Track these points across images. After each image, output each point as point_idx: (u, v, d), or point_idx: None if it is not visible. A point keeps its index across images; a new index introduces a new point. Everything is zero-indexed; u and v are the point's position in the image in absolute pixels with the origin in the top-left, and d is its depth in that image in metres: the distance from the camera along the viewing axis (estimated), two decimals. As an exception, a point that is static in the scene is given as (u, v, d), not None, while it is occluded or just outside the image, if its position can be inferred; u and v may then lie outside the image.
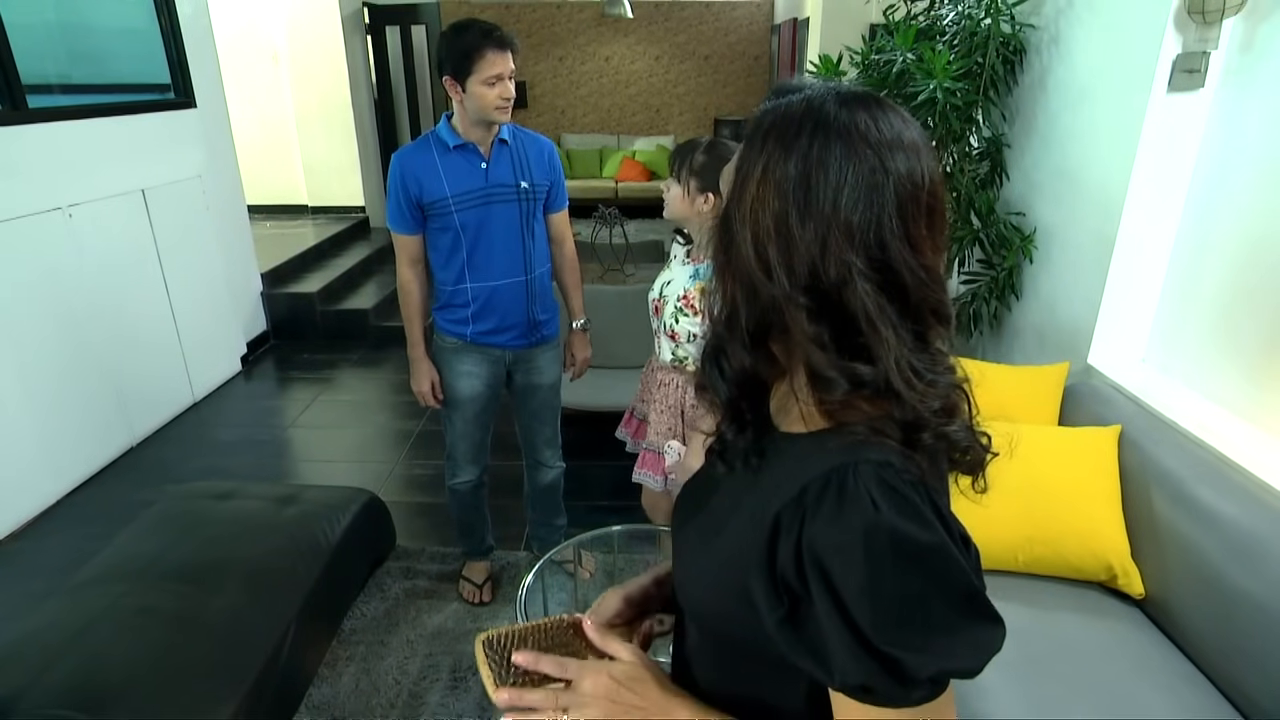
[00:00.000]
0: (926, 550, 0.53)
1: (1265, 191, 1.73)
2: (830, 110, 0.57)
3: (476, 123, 1.94)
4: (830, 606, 0.54)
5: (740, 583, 0.61)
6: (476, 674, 2.11)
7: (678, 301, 1.82)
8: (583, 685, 0.66)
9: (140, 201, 3.50)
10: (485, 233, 2.00)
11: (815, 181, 0.56)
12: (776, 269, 0.57)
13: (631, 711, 0.66)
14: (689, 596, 0.71)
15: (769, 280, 0.58)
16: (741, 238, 0.59)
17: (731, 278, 0.61)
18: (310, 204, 6.87)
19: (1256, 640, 1.40)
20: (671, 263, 1.93)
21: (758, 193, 0.58)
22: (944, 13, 2.53)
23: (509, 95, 1.90)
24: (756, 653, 0.65)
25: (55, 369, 2.99)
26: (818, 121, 0.57)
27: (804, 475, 0.58)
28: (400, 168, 1.96)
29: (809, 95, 0.59)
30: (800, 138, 0.57)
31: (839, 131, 0.56)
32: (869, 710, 0.55)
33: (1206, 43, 1.80)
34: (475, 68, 1.84)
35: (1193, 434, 1.75)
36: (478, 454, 2.27)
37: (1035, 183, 2.41)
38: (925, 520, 0.54)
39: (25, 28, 2.94)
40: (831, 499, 0.55)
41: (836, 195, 0.55)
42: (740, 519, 0.64)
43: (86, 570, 2.02)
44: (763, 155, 0.58)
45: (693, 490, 0.77)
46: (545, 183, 2.07)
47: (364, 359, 4.53)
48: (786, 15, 7.14)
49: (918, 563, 0.53)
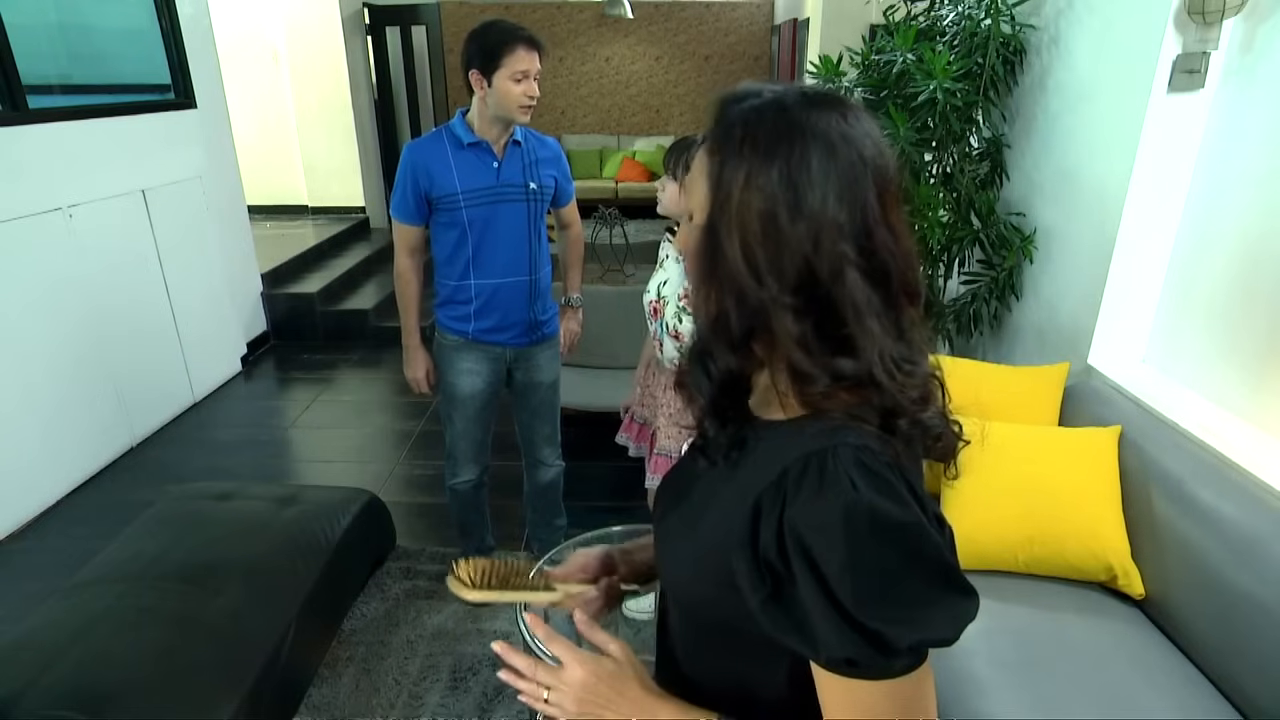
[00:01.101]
0: (903, 527, 0.55)
1: (1265, 191, 1.73)
2: (803, 113, 0.59)
3: (495, 120, 1.94)
4: (813, 584, 0.56)
5: (723, 567, 0.63)
6: (474, 673, 2.11)
7: (679, 301, 1.82)
8: (568, 671, 0.69)
9: (140, 202, 3.50)
10: (492, 231, 2.01)
11: (802, 182, 0.58)
12: (766, 273, 0.59)
13: (605, 709, 0.68)
14: (673, 583, 0.74)
15: (759, 285, 0.59)
16: (729, 245, 0.60)
17: (718, 285, 0.62)
18: (310, 204, 6.88)
19: (1256, 640, 1.40)
20: (665, 262, 1.93)
21: (743, 199, 0.59)
22: (944, 13, 2.53)
23: (534, 94, 1.90)
24: (739, 636, 0.67)
25: (55, 369, 3.00)
26: (793, 124, 0.59)
27: (783, 459, 0.60)
28: (411, 158, 1.97)
29: (778, 101, 0.60)
30: (780, 143, 0.58)
31: (816, 132, 0.58)
32: (852, 684, 0.58)
33: (1206, 43, 1.80)
34: (504, 61, 1.85)
35: (1193, 434, 1.75)
36: (478, 453, 2.27)
37: (1035, 183, 2.41)
38: (902, 499, 0.56)
39: (26, 28, 2.94)
40: (812, 480, 0.57)
41: (824, 193, 0.58)
42: (721, 505, 0.66)
43: (86, 570, 2.02)
44: (743, 163, 0.59)
45: (673, 482, 0.79)
46: (551, 184, 2.08)
47: (364, 359, 4.53)
48: (786, 16, 7.14)
49: (896, 539, 0.55)
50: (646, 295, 1.97)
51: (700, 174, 0.63)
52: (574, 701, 0.69)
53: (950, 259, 2.60)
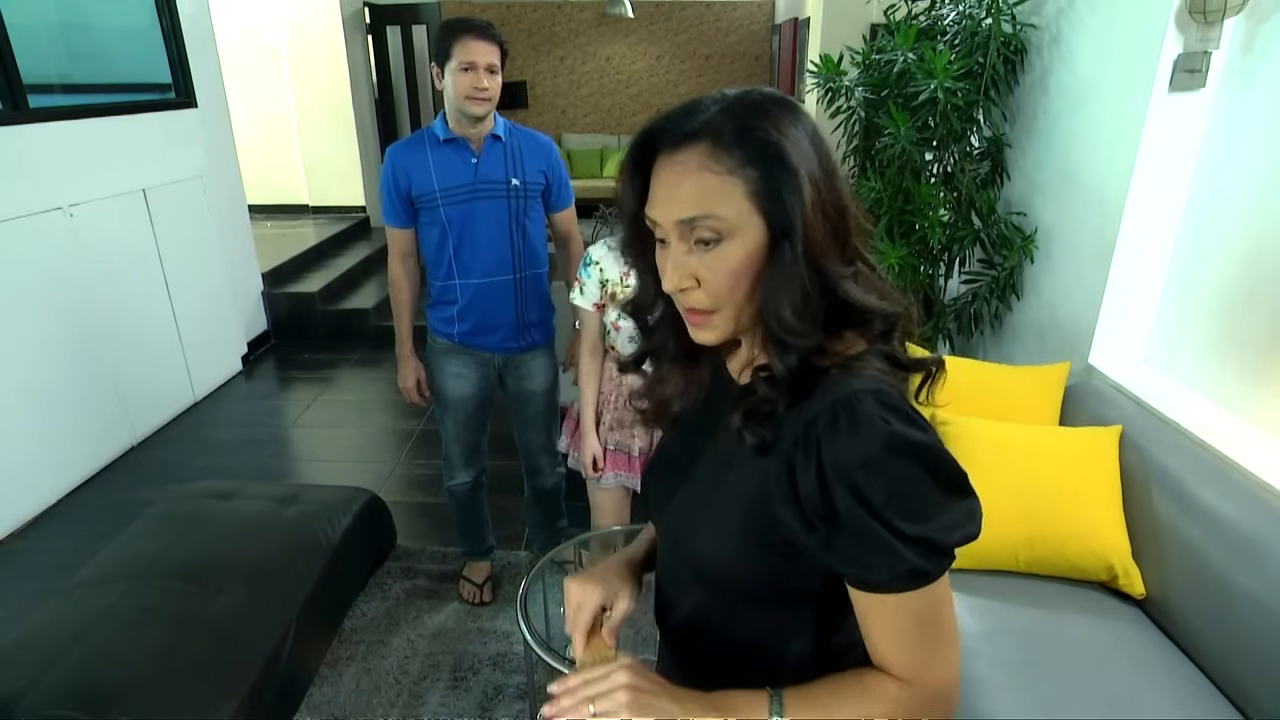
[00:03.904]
0: (930, 449, 0.63)
1: (1266, 191, 1.73)
2: (758, 96, 0.67)
3: (456, 115, 1.93)
4: (864, 514, 0.62)
5: (753, 528, 0.70)
6: (474, 673, 2.11)
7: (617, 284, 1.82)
8: (615, 675, 0.70)
9: (141, 201, 3.50)
10: (471, 228, 1.99)
11: (824, 152, 0.66)
12: (836, 241, 0.67)
13: (658, 700, 0.69)
14: (696, 560, 0.76)
15: (840, 255, 0.67)
16: (814, 225, 0.65)
17: (796, 273, 0.65)
18: (311, 204, 6.88)
19: (1257, 640, 1.40)
20: (602, 257, 1.86)
21: (808, 173, 0.64)
22: (945, 12, 2.53)
23: (481, 86, 1.86)
24: (764, 598, 0.74)
25: (56, 369, 3.00)
26: (774, 101, 0.66)
27: (804, 415, 0.66)
28: (391, 161, 1.97)
29: (729, 98, 0.67)
30: (793, 126, 0.65)
31: (783, 102, 0.67)
32: (906, 598, 0.65)
33: (1208, 42, 1.80)
34: (453, 52, 1.85)
35: (1194, 434, 1.75)
36: (472, 456, 2.26)
37: (1036, 182, 2.41)
38: (922, 426, 0.64)
39: (26, 28, 2.94)
40: (845, 425, 0.63)
41: (826, 159, 0.67)
42: (741, 470, 0.71)
43: (87, 570, 2.02)
44: (787, 142, 0.64)
45: (668, 466, 0.82)
46: (540, 180, 2.05)
47: (364, 359, 4.53)
48: (787, 15, 7.14)
49: (926, 461, 0.63)
50: (588, 297, 1.88)
51: (728, 185, 0.64)
52: (627, 697, 0.69)
53: (951, 258, 2.60)
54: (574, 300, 1.92)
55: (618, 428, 1.99)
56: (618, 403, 1.98)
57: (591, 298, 1.88)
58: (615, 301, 1.85)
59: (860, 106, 2.61)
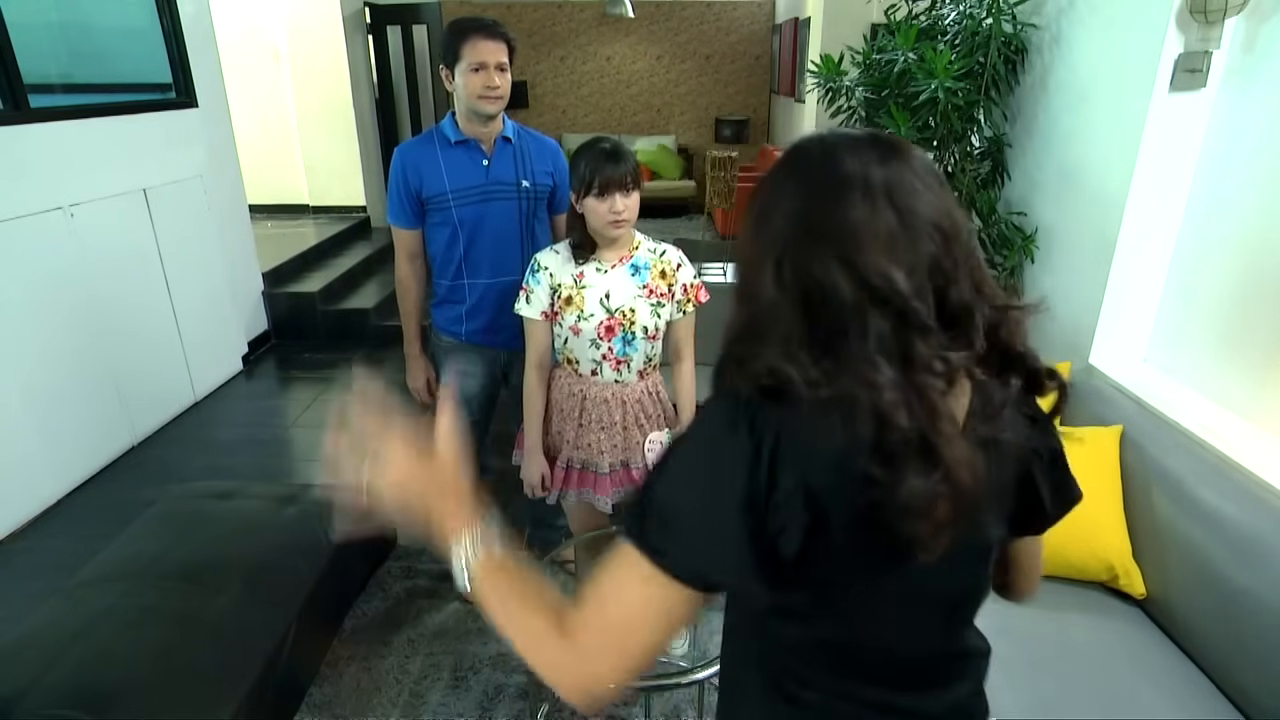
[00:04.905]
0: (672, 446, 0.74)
1: (1267, 191, 1.73)
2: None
3: (468, 115, 1.92)
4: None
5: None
6: (475, 672, 2.11)
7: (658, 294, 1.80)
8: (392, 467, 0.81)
9: (142, 201, 3.50)
10: (483, 229, 1.99)
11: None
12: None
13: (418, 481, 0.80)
14: None
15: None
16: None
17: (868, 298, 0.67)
18: (311, 204, 6.87)
19: (1257, 640, 1.40)
20: (551, 262, 1.78)
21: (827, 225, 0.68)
22: (945, 12, 2.53)
23: (492, 85, 1.86)
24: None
25: (56, 368, 3.00)
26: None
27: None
28: (401, 161, 1.96)
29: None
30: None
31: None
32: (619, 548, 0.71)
33: (1208, 42, 1.80)
34: (463, 53, 1.84)
35: (1194, 434, 1.75)
36: (474, 454, 2.26)
37: (1037, 182, 2.41)
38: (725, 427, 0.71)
39: (27, 27, 2.94)
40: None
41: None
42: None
43: (87, 570, 2.02)
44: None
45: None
46: (547, 182, 2.06)
47: (365, 358, 4.53)
48: (788, 15, 7.14)
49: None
50: (592, 318, 1.76)
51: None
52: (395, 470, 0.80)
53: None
54: (519, 310, 1.81)
55: (582, 446, 1.88)
56: (583, 419, 1.86)
57: (540, 305, 1.79)
58: (570, 306, 1.77)
59: (861, 106, 2.61)
